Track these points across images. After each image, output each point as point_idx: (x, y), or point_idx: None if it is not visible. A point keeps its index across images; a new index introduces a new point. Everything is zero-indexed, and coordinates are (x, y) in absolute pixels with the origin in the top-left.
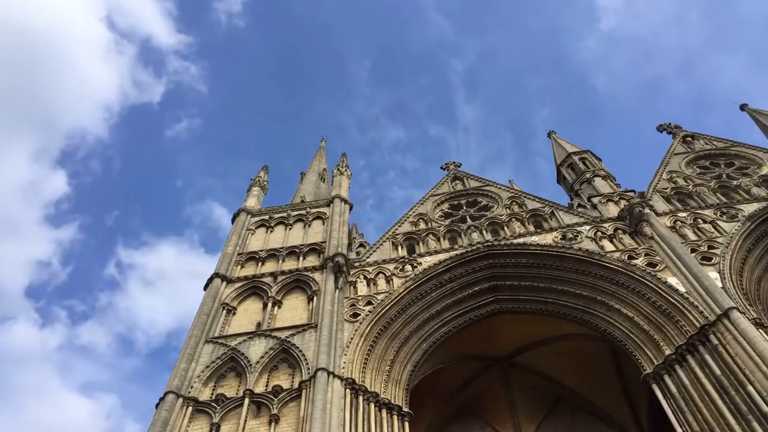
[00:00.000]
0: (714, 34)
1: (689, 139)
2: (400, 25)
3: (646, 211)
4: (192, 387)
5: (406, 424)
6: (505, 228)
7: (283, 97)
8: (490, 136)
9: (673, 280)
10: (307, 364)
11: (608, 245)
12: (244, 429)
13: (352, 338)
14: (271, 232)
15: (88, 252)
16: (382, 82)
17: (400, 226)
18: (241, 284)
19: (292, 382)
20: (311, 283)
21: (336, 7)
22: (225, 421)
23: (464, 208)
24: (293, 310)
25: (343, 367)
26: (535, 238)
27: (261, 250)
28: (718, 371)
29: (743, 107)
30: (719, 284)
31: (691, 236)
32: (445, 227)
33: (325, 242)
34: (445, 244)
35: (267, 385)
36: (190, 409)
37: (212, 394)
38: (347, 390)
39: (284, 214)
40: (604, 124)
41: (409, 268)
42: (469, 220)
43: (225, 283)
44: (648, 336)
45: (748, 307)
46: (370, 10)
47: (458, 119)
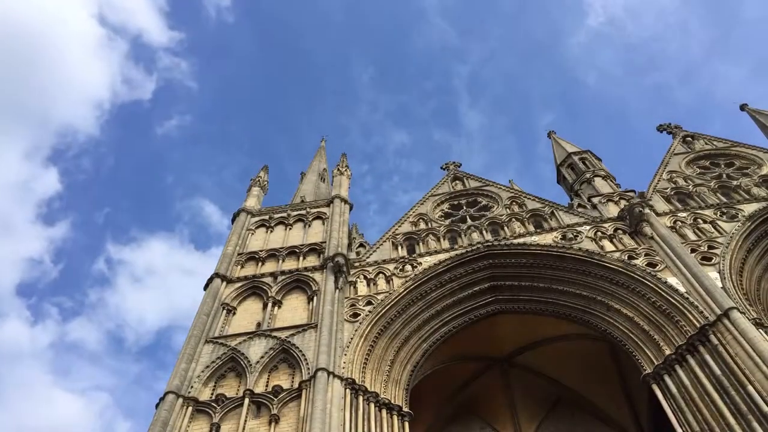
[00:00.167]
0: (716, 41)
1: (689, 139)
2: (403, 29)
3: (646, 211)
4: (192, 387)
5: (406, 424)
6: (505, 228)
7: (277, 96)
8: (493, 140)
9: (673, 280)
10: (307, 364)
11: (608, 245)
12: (244, 429)
13: (352, 338)
14: (271, 232)
15: (79, 249)
16: (385, 87)
17: (400, 226)
18: (241, 284)
19: (292, 382)
20: (311, 283)
21: (339, 11)
22: (225, 421)
23: (464, 208)
24: (293, 310)
25: (343, 367)
26: (535, 238)
27: (261, 250)
28: (718, 371)
29: (743, 107)
30: (719, 284)
31: (691, 236)
32: (445, 227)
33: (325, 242)
34: (445, 244)
35: (267, 385)
36: (190, 409)
37: (212, 394)
38: (347, 390)
39: (284, 214)
40: (604, 125)
41: (409, 268)
42: (469, 220)
43: (225, 283)
44: (648, 336)
45: (748, 307)
46: (372, 12)
47: (462, 123)
